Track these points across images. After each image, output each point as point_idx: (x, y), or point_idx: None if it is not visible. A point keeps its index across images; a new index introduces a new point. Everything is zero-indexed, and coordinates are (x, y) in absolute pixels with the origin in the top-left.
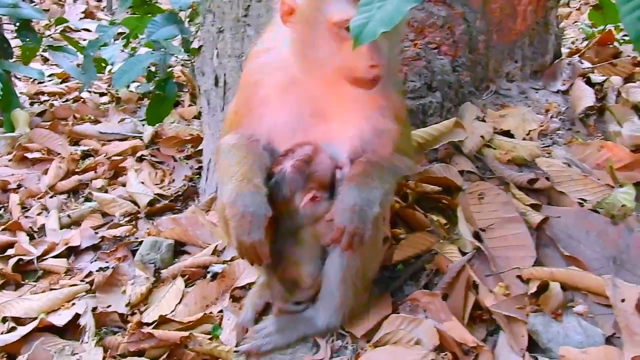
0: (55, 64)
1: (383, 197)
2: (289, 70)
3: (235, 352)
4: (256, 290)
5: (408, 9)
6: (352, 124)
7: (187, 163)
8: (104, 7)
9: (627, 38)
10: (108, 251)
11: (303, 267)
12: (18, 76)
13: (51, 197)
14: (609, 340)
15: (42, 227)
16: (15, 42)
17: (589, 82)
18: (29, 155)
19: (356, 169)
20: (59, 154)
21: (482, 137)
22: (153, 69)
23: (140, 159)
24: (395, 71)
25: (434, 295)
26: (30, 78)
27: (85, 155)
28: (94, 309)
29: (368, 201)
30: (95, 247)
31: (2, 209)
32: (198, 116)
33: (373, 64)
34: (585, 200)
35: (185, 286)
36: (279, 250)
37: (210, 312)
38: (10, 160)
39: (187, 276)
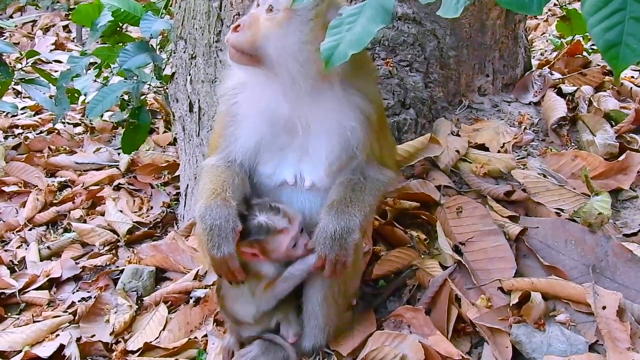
0: (28, 97)
1: (363, 222)
2: (255, 89)
3: None
4: None
5: (377, 30)
6: (323, 135)
7: (164, 190)
8: (73, 38)
9: (595, 47)
10: (89, 281)
11: (240, 304)
12: None
13: (30, 229)
14: (592, 348)
15: (23, 260)
16: None
17: (560, 93)
18: (6, 189)
19: (335, 193)
20: (36, 186)
21: (457, 151)
22: (126, 97)
23: (118, 188)
24: (364, 84)
25: (417, 310)
26: (4, 112)
27: (62, 186)
28: (78, 339)
29: (348, 228)
30: (76, 278)
31: None
32: (173, 143)
33: (236, 24)
34: (562, 210)
35: (169, 312)
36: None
37: (195, 337)
38: None
39: (169, 302)
